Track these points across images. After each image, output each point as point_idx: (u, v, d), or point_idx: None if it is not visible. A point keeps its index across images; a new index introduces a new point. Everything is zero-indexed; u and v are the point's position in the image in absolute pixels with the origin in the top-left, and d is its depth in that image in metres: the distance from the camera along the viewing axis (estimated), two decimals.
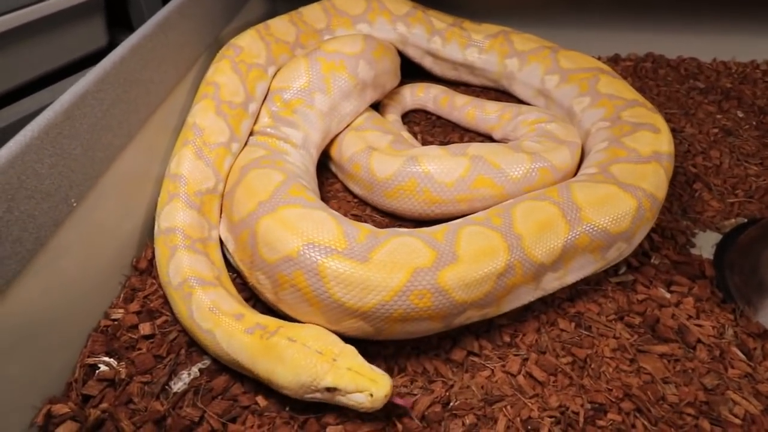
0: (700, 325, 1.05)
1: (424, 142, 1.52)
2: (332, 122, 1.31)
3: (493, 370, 0.94)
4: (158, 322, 1.02)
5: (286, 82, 1.27)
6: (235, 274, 1.10)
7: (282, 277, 0.90)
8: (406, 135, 1.47)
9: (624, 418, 0.88)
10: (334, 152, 1.35)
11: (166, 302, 1.04)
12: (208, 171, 1.09)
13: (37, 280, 0.86)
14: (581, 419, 0.88)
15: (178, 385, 0.94)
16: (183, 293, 0.95)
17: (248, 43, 1.30)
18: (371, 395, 0.79)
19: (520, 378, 0.93)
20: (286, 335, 0.85)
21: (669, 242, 1.23)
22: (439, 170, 1.17)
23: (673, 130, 1.58)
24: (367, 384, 0.79)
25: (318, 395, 0.83)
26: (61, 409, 0.88)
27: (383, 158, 1.22)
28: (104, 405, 0.89)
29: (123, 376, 0.93)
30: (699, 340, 1.02)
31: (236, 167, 1.13)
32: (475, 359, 0.96)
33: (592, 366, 0.96)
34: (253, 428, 0.88)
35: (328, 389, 0.81)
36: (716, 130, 1.59)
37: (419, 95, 1.62)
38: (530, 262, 0.92)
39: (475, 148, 1.22)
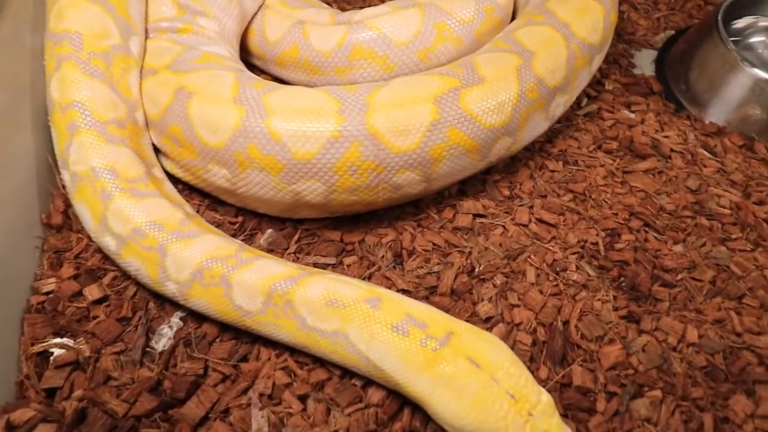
0: (667, 136, 1.13)
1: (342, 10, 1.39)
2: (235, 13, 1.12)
3: (504, 226, 0.94)
4: (105, 280, 0.87)
5: None
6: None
7: (438, 149, 0.85)
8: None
9: (636, 236, 0.94)
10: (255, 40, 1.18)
11: (105, 257, 0.88)
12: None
13: None
14: (601, 248, 0.92)
15: (161, 343, 0.83)
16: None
17: None
18: None
19: (533, 226, 0.94)
20: (464, 351, 0.68)
21: (614, 67, 1.28)
22: (317, 37, 1.08)
23: None
24: None
25: None
26: (23, 415, 0.74)
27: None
28: (78, 393, 0.76)
29: (88, 354, 0.79)
30: (672, 150, 1.10)
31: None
32: (483, 220, 0.95)
33: (592, 197, 1.00)
34: (270, 360, 0.81)
35: None
36: None
37: None
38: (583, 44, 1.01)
39: (363, 12, 1.15)
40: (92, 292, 0.85)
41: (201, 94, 0.86)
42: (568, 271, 0.89)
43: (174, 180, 0.96)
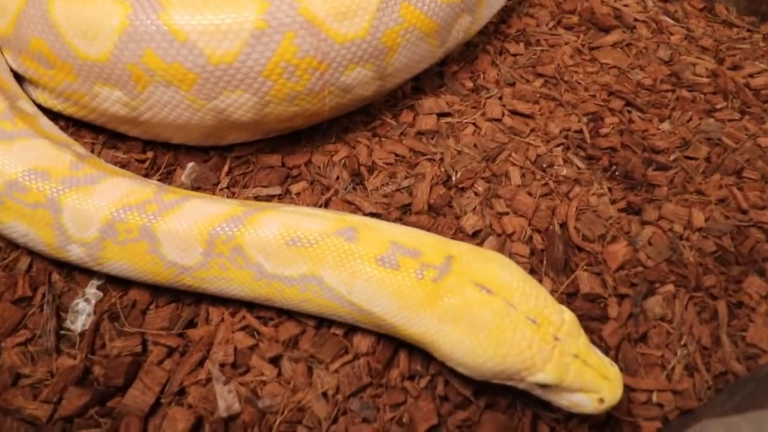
0: (626, 5, 1.04)
1: None
2: None
3: (474, 123, 0.82)
4: None
5: None
6: None
7: (392, 33, 0.70)
8: None
9: (620, 118, 0.85)
10: None
11: None
12: None
13: None
14: (586, 135, 0.82)
15: (79, 321, 0.67)
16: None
17: None
18: (601, 400, 0.55)
19: (507, 119, 0.82)
20: (470, 276, 0.56)
21: None
22: None
23: None
24: (597, 383, 0.55)
25: (514, 384, 0.57)
26: None
27: None
28: None
29: None
30: (635, 19, 1.00)
31: None
32: (450, 120, 0.82)
33: (564, 79, 0.89)
34: (223, 321, 0.67)
35: (542, 385, 0.56)
36: None
37: None
38: None
39: None
40: None
41: None
42: (555, 166, 0.78)
43: (52, 115, 0.75)
